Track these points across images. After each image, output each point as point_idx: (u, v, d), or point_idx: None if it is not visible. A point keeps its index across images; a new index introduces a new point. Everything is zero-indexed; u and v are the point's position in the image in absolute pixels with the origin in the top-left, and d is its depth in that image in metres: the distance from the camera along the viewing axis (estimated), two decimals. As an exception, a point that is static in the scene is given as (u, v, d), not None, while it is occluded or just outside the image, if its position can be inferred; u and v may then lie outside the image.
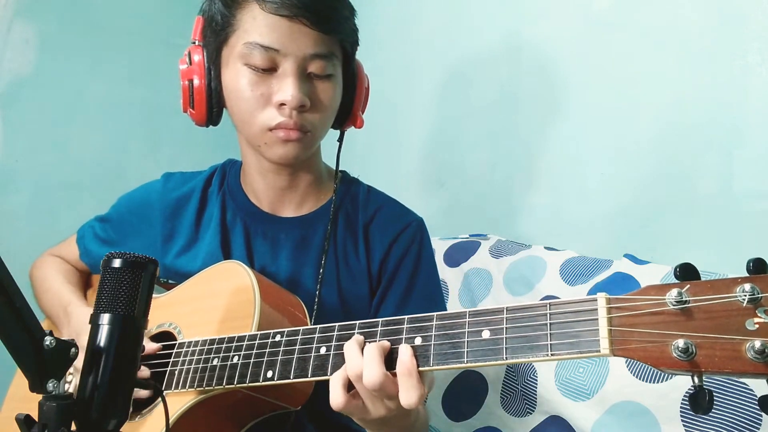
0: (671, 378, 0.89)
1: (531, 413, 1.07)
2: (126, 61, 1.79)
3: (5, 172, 1.58)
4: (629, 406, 0.93)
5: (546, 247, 1.21)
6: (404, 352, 0.58)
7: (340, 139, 0.96)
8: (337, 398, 0.60)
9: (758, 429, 0.80)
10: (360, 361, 0.59)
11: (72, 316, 0.88)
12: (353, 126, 0.93)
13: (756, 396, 0.82)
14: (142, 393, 0.77)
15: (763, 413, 0.81)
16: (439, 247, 1.38)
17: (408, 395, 0.57)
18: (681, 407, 0.87)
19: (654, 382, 0.90)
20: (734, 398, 0.83)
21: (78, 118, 1.70)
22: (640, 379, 0.92)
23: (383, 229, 0.93)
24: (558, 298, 1.10)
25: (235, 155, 1.03)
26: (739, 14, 1.04)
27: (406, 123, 1.69)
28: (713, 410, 0.84)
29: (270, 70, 0.79)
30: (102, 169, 1.72)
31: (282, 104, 0.79)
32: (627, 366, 0.94)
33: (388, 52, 1.71)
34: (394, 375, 0.58)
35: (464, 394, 1.20)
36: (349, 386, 0.61)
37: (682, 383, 0.87)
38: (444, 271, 1.32)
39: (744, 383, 0.82)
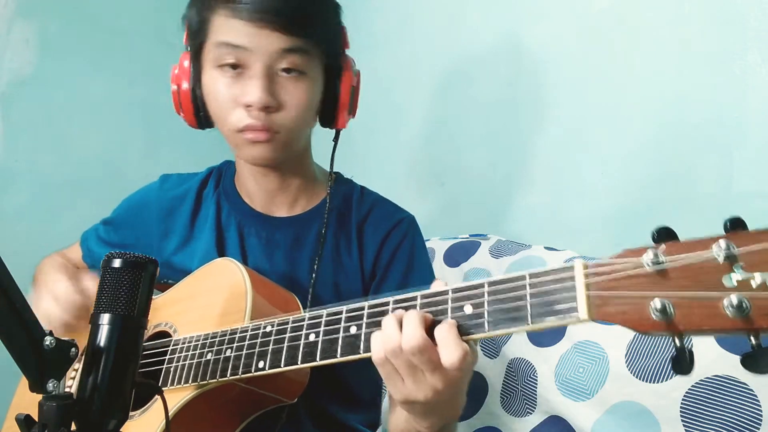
0: (671, 378, 0.89)
1: (531, 413, 1.07)
2: (126, 61, 1.79)
3: (5, 172, 1.58)
4: (629, 406, 0.93)
5: (546, 247, 1.21)
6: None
7: (335, 139, 0.95)
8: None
9: (758, 429, 0.80)
10: (397, 332, 0.57)
11: (42, 283, 0.87)
12: (334, 126, 0.91)
13: (756, 396, 0.81)
14: None
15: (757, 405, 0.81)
16: (439, 247, 1.38)
17: (449, 352, 0.55)
18: (681, 407, 0.87)
19: (654, 382, 0.90)
20: (734, 398, 0.83)
21: (78, 118, 1.70)
22: (640, 379, 0.92)
23: (376, 227, 0.94)
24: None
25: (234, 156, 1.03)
26: (739, 14, 1.04)
27: (406, 122, 1.68)
28: (713, 410, 0.84)
29: (241, 69, 0.80)
30: (102, 169, 1.72)
31: (248, 105, 0.80)
32: (627, 366, 0.94)
33: (387, 51, 1.71)
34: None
35: (464, 394, 1.20)
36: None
37: (683, 383, 0.87)
38: (444, 271, 1.32)
39: (744, 383, 0.82)
